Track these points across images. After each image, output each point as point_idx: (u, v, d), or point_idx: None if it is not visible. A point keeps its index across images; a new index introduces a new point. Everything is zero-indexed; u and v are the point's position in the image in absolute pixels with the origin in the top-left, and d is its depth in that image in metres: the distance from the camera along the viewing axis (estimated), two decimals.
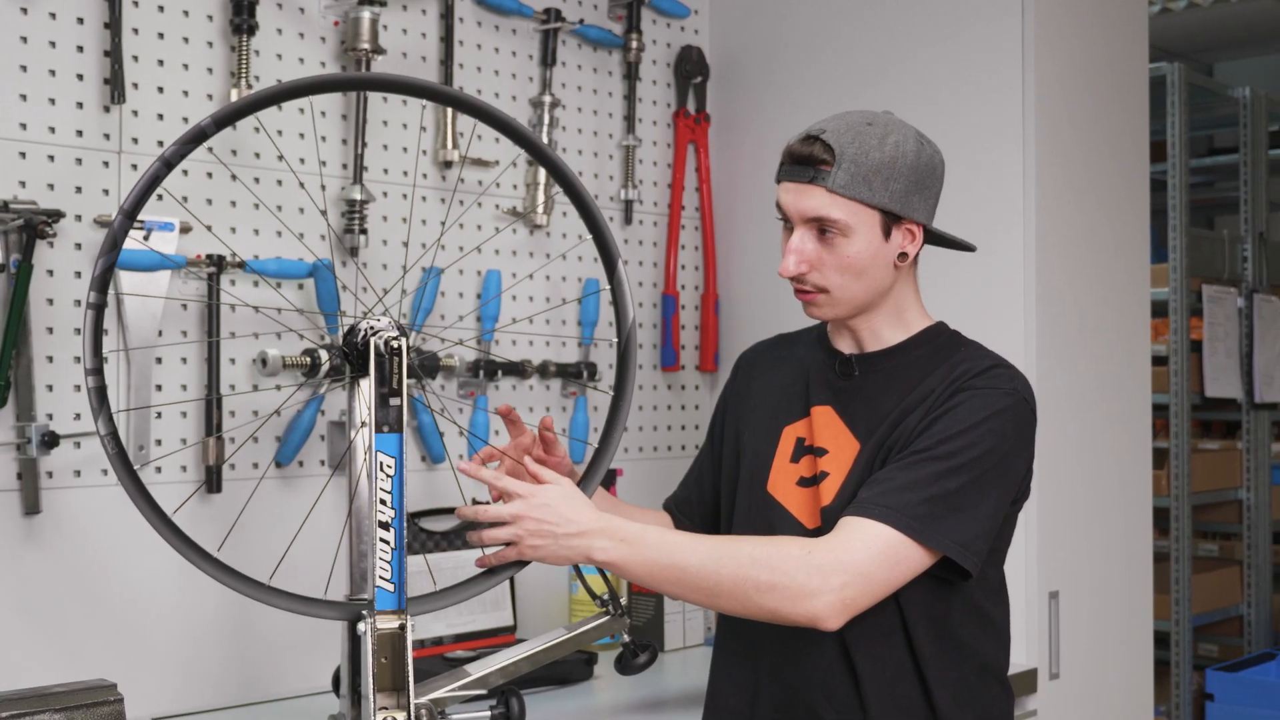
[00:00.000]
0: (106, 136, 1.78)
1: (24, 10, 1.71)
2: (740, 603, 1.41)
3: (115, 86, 1.75)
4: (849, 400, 1.55)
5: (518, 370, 2.16)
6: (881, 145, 1.46)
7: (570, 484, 1.48)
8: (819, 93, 2.34)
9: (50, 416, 1.71)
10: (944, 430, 1.44)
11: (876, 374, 1.55)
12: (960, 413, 1.45)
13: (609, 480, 2.06)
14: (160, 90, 1.82)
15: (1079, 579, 2.18)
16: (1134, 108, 2.36)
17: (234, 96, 1.85)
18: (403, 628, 1.35)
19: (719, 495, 1.70)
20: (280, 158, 1.92)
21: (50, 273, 1.72)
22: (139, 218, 1.64)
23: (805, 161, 1.48)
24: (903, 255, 1.51)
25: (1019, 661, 2.05)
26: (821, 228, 1.47)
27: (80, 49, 1.75)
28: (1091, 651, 2.21)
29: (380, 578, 1.36)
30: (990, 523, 1.46)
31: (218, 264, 1.82)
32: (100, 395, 1.36)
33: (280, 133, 1.93)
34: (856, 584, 1.38)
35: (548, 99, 2.23)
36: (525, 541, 1.43)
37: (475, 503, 1.49)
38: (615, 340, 1.61)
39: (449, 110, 2.09)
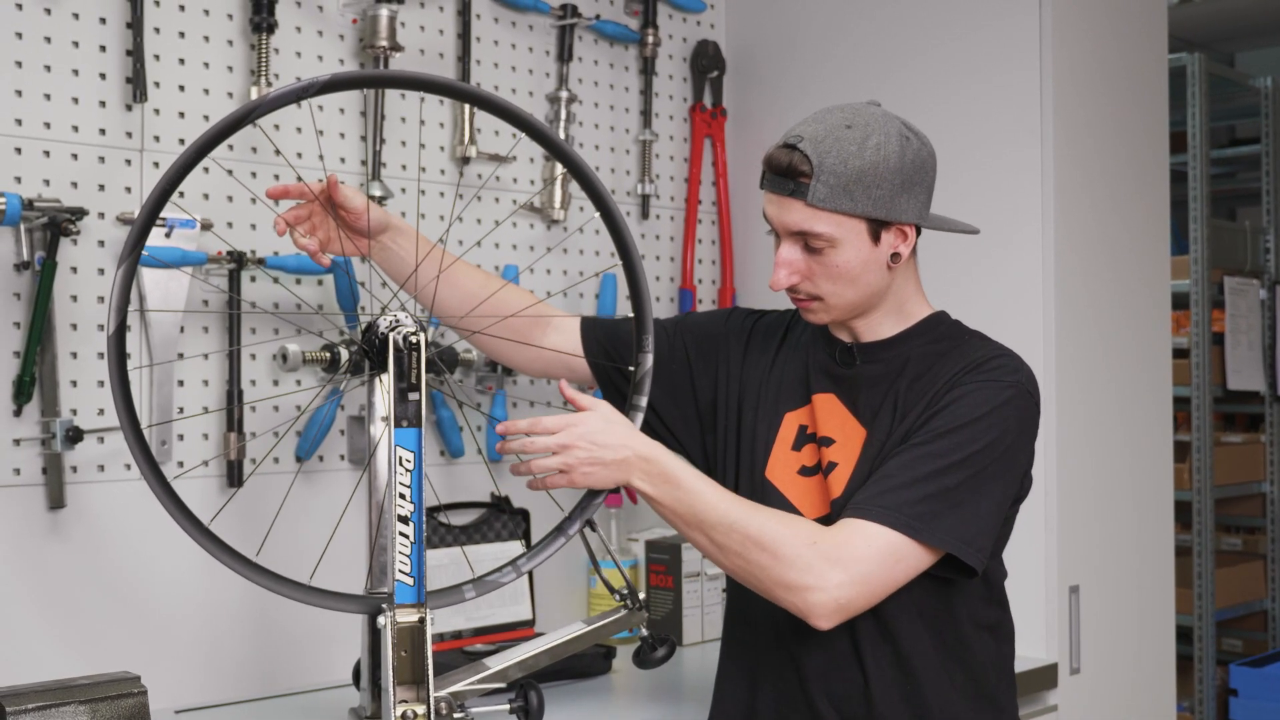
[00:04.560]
0: (129, 135, 1.79)
1: (48, 11, 1.72)
2: (740, 572, 1.43)
3: (137, 85, 1.76)
4: (851, 388, 1.54)
5: None
6: (861, 151, 1.41)
7: (608, 407, 1.49)
8: (835, 87, 2.34)
9: (74, 412, 1.73)
10: (944, 424, 1.43)
11: (877, 363, 1.54)
12: (961, 406, 1.43)
13: None
14: (181, 89, 1.84)
15: (1100, 573, 2.17)
16: (1154, 98, 2.35)
17: (254, 94, 1.86)
18: (422, 621, 1.36)
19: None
20: (300, 155, 1.93)
21: (74, 270, 1.74)
22: (160, 215, 1.65)
23: (784, 173, 1.44)
24: (895, 256, 1.48)
25: (1039, 656, 2.05)
26: (807, 240, 1.45)
27: (103, 48, 1.77)
28: (1113, 646, 2.20)
29: (400, 571, 1.37)
30: (993, 518, 1.44)
31: (238, 260, 1.84)
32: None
33: (299, 130, 1.94)
34: (854, 586, 1.38)
35: (564, 94, 2.23)
36: (577, 470, 1.46)
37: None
38: (633, 367, 1.60)
39: (466, 106, 2.09)
